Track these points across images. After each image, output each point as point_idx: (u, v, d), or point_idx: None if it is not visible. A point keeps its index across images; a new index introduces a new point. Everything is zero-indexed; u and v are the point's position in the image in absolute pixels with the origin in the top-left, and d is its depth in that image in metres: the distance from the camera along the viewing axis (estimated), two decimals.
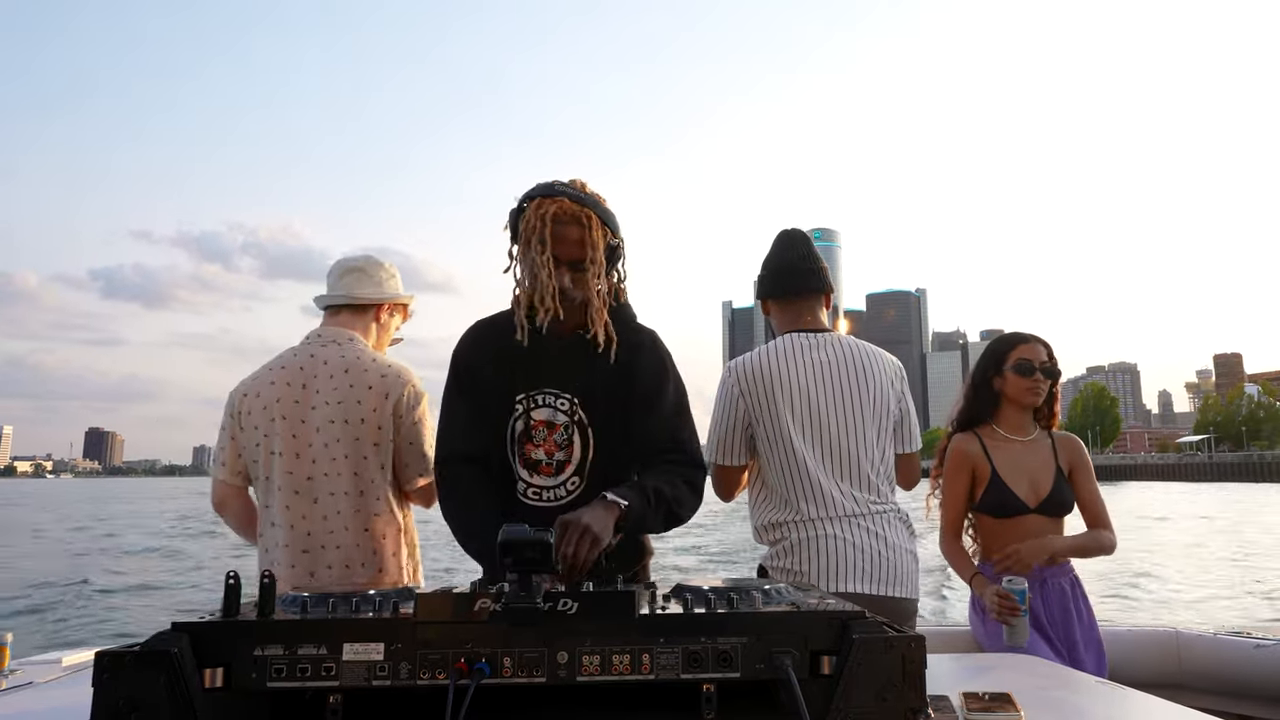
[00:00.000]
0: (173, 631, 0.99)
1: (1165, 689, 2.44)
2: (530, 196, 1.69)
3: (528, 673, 0.98)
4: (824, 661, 0.99)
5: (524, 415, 1.77)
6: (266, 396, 2.16)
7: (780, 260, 2.25)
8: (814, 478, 2.02)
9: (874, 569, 1.97)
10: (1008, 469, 2.42)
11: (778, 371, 2.09)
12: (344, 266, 2.35)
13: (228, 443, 2.20)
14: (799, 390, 2.07)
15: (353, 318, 2.30)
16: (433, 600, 1.00)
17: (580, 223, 1.66)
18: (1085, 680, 1.51)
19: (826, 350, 2.12)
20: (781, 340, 2.16)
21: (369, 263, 2.36)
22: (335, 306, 2.31)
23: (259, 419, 2.15)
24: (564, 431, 1.76)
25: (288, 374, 2.18)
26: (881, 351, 2.19)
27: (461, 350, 1.83)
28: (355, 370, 2.18)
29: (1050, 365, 2.47)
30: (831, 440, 2.05)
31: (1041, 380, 2.44)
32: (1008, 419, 2.49)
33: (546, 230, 1.64)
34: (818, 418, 2.06)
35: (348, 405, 2.15)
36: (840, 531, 1.99)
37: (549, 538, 1.04)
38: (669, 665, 0.99)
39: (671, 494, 1.62)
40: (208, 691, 0.97)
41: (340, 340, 2.24)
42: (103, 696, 0.93)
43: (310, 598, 1.07)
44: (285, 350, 2.27)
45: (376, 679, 0.98)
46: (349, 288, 2.31)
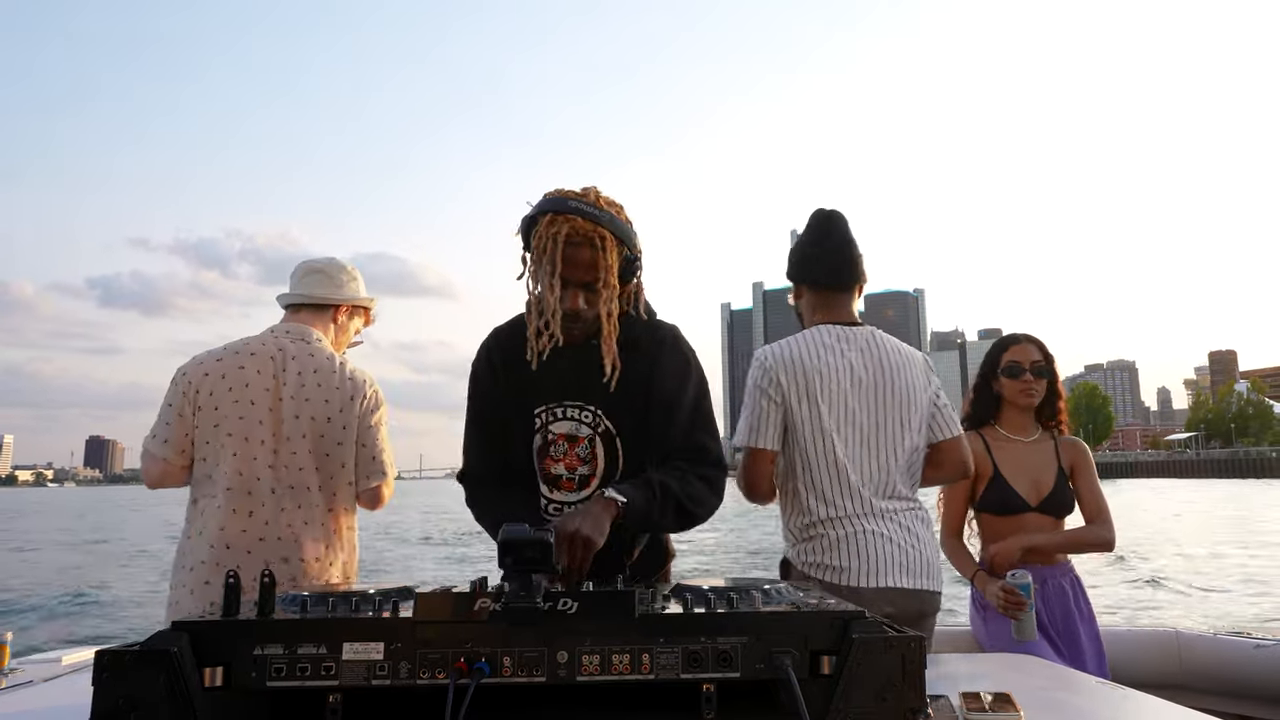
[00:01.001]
0: (172, 630, 0.99)
1: (1166, 689, 2.44)
2: (543, 210, 1.62)
3: (527, 672, 0.98)
4: (824, 661, 0.99)
5: (543, 429, 1.73)
6: (233, 380, 2.15)
7: (820, 245, 2.15)
8: (849, 474, 2.00)
9: (909, 563, 1.97)
10: (1010, 468, 2.43)
11: (815, 363, 2.03)
12: (306, 268, 2.38)
13: (174, 419, 2.16)
14: (836, 384, 2.03)
15: (312, 317, 2.33)
16: (432, 600, 1.00)
17: (593, 244, 1.58)
18: (1086, 680, 1.51)
19: (863, 346, 2.07)
20: (816, 331, 2.09)
21: (330, 265, 2.39)
22: (296, 305, 2.34)
23: (223, 402, 2.14)
24: (587, 445, 1.71)
25: (259, 361, 2.18)
26: (915, 352, 2.15)
27: (479, 364, 1.79)
28: (324, 370, 2.21)
29: (1042, 364, 2.48)
30: (865, 438, 2.02)
31: (1032, 380, 2.46)
32: (1009, 420, 2.51)
33: (558, 252, 1.57)
34: (852, 414, 2.02)
35: (315, 403, 2.17)
36: (878, 527, 1.98)
37: (549, 538, 1.04)
38: (669, 665, 0.99)
39: (682, 490, 1.57)
40: (207, 691, 0.97)
41: (307, 337, 2.26)
42: (102, 695, 0.93)
43: (310, 597, 1.07)
44: (247, 338, 2.26)
45: (376, 678, 0.98)
46: (309, 288, 2.34)
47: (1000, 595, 2.22)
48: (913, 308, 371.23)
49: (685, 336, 1.78)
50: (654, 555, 1.84)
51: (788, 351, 2.06)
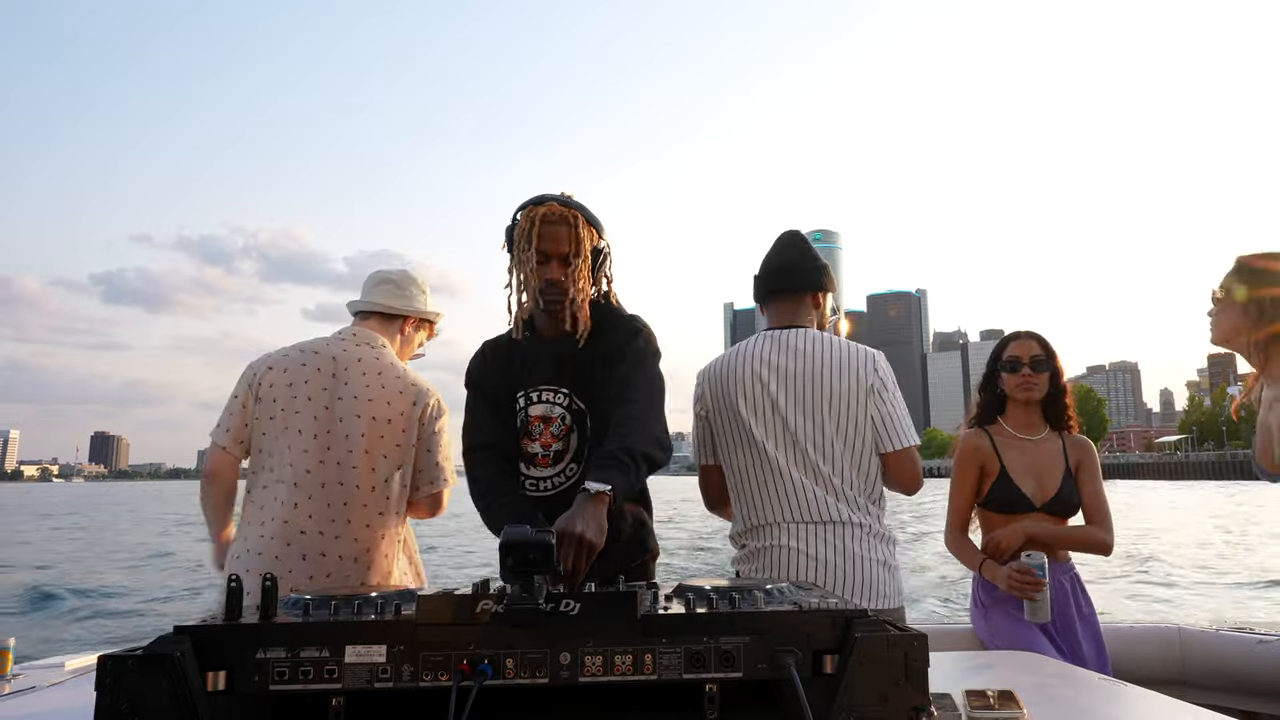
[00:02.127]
0: (175, 634, 0.99)
1: (1168, 685, 2.44)
2: (522, 207, 1.83)
3: (530, 674, 0.98)
4: (826, 660, 0.99)
5: (523, 411, 1.89)
6: (294, 375, 2.20)
7: (768, 261, 2.20)
8: (773, 486, 1.96)
9: (829, 578, 1.89)
10: (1016, 466, 2.43)
11: (739, 374, 2.03)
12: (379, 277, 2.44)
13: (238, 410, 2.21)
14: (760, 393, 2.00)
15: (380, 325, 2.38)
16: (435, 602, 1.00)
17: (567, 222, 1.79)
18: (1088, 677, 1.51)
19: (789, 344, 2.04)
20: (750, 340, 2.12)
21: (403, 277, 2.44)
22: (365, 313, 2.40)
23: (281, 394, 2.18)
24: (559, 424, 1.87)
25: (320, 360, 2.23)
26: (855, 345, 2.06)
27: (476, 362, 1.95)
28: (388, 374, 2.25)
29: (1042, 358, 2.48)
30: (795, 447, 1.96)
31: (1031, 375, 2.46)
32: (1014, 417, 2.51)
33: (534, 230, 1.78)
34: (779, 422, 1.98)
35: (377, 404, 2.20)
36: (796, 542, 1.92)
37: (550, 539, 1.04)
38: (671, 665, 0.99)
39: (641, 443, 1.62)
40: (210, 694, 0.97)
41: (373, 343, 2.31)
42: (105, 700, 0.93)
43: (312, 600, 1.07)
44: (315, 339, 2.32)
45: (379, 681, 0.98)
46: (379, 297, 2.39)
47: (1013, 577, 2.21)
48: (915, 308, 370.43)
49: (650, 330, 1.87)
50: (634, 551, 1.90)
51: (715, 367, 2.11)
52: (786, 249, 2.19)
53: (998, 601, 2.38)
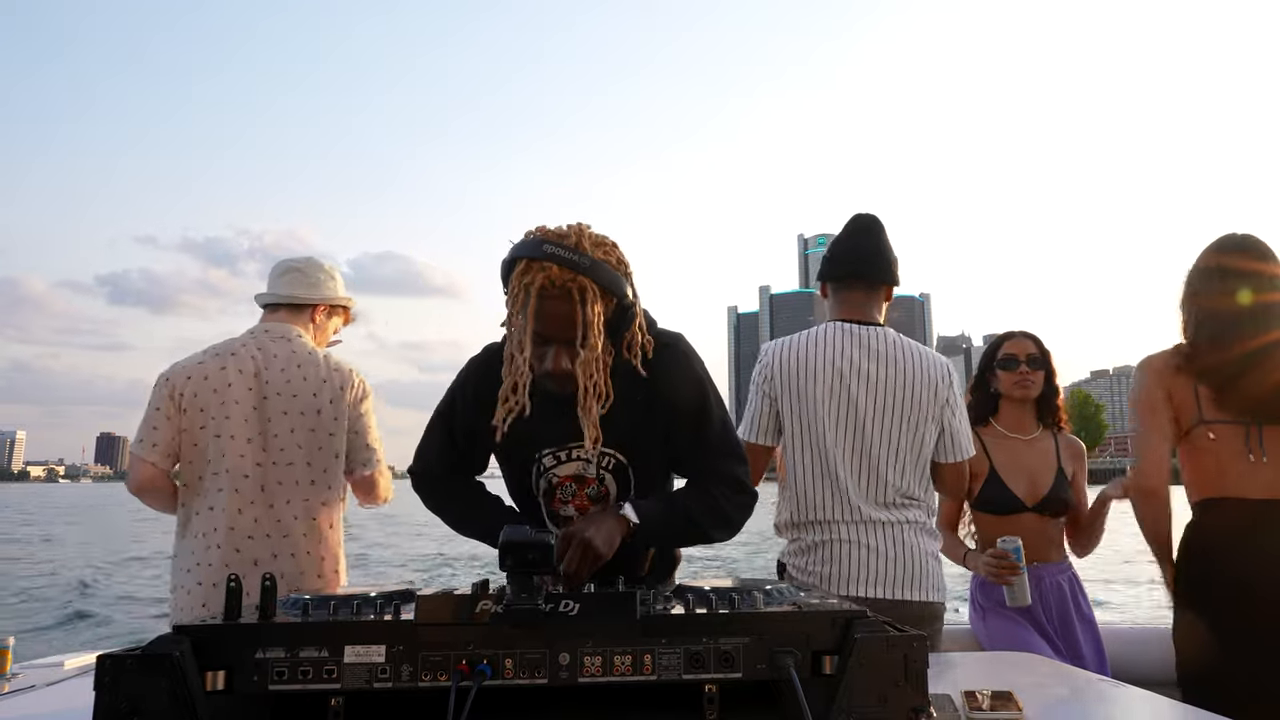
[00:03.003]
0: (174, 634, 0.99)
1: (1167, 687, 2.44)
2: (518, 254, 1.41)
3: (529, 674, 0.98)
4: (826, 661, 1.00)
5: (547, 474, 1.61)
6: (217, 381, 2.16)
7: (846, 243, 2.12)
8: (837, 478, 1.94)
9: (892, 574, 1.91)
10: (1006, 467, 2.43)
11: (813, 361, 1.98)
12: (284, 266, 2.39)
13: (162, 422, 2.16)
14: (833, 384, 1.96)
15: (290, 316, 2.34)
16: (434, 602, 1.00)
17: (570, 297, 1.37)
18: (1087, 678, 1.51)
19: (872, 346, 1.99)
20: (824, 328, 2.04)
21: (308, 264, 2.40)
22: (273, 305, 2.35)
23: (208, 402, 2.15)
24: (597, 485, 1.61)
25: (239, 361, 2.19)
26: (934, 354, 2.05)
27: (461, 388, 1.63)
28: (308, 364, 2.22)
29: (1038, 357, 2.49)
30: (861, 441, 1.95)
31: (1028, 373, 2.47)
32: (1007, 416, 2.51)
33: (530, 305, 1.37)
34: (848, 415, 1.95)
35: (303, 398, 2.19)
36: (861, 537, 1.92)
37: (550, 539, 1.04)
38: (671, 666, 0.99)
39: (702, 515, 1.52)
40: (209, 694, 0.97)
41: (288, 335, 2.27)
42: (104, 700, 0.93)
43: (311, 600, 1.07)
44: (228, 340, 2.28)
45: (378, 681, 0.98)
46: (285, 287, 2.34)
47: (990, 561, 2.21)
48: (918, 312, 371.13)
49: (690, 347, 1.62)
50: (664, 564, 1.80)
51: (787, 348, 2.03)
52: (868, 233, 2.11)
53: (995, 603, 2.39)
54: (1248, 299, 1.94)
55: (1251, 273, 1.96)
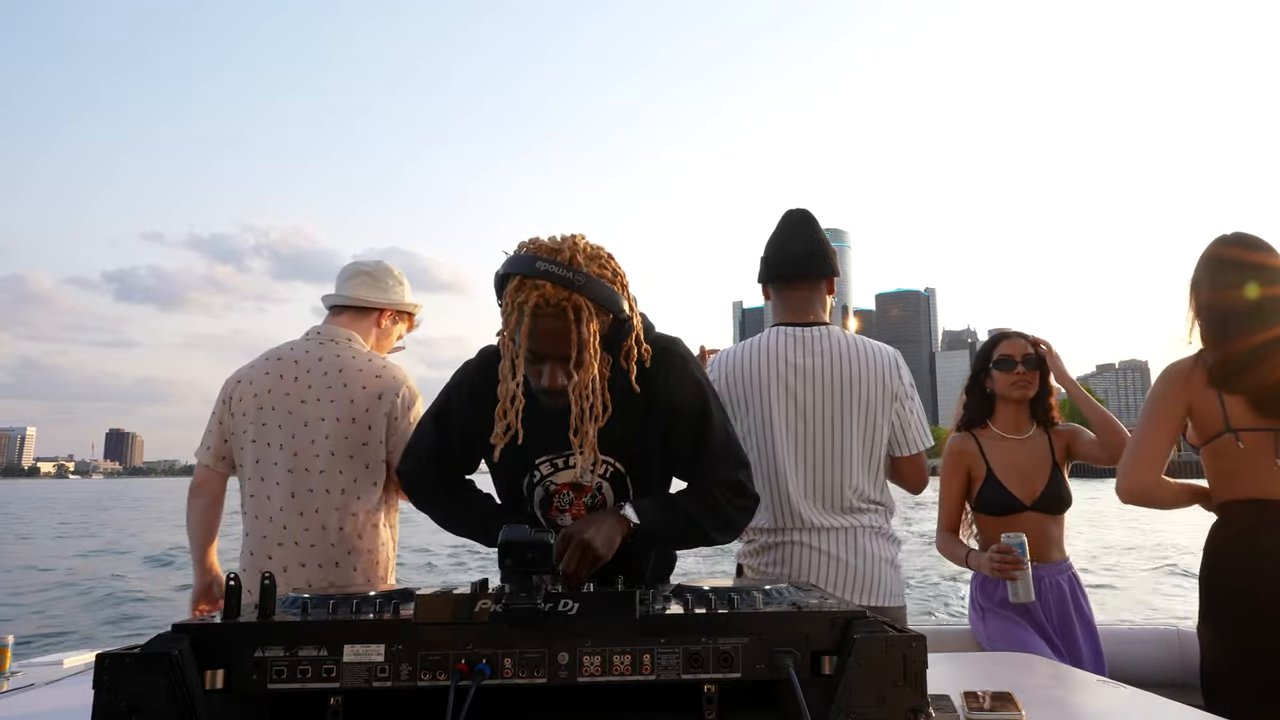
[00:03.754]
0: (173, 633, 0.99)
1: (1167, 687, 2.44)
2: (511, 269, 1.39)
3: (528, 673, 0.98)
4: (825, 661, 0.99)
5: (544, 481, 1.60)
6: (259, 385, 2.19)
7: (778, 241, 2.10)
8: (788, 485, 1.94)
9: (841, 577, 1.91)
10: (1003, 467, 2.44)
11: (755, 371, 1.98)
12: (353, 269, 2.39)
13: (215, 426, 2.23)
14: (777, 392, 1.96)
15: (354, 320, 2.33)
16: (433, 601, 1.00)
17: (565, 315, 1.36)
18: (1086, 679, 1.51)
19: (815, 348, 1.98)
20: (765, 335, 2.04)
21: (378, 268, 2.39)
22: (339, 307, 2.35)
23: (248, 407, 2.18)
24: (595, 492, 1.60)
25: (282, 365, 2.21)
26: (878, 347, 2.03)
27: (457, 390, 1.62)
28: (350, 369, 2.21)
29: (1033, 356, 2.49)
30: (811, 450, 1.94)
31: (1024, 373, 2.47)
32: (1003, 417, 2.52)
33: (525, 325, 1.36)
34: (796, 421, 1.95)
35: (340, 403, 2.17)
36: (814, 541, 1.92)
37: (549, 539, 1.04)
38: (670, 666, 0.99)
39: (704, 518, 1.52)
40: (209, 693, 0.97)
41: (338, 339, 2.27)
42: (104, 698, 0.93)
43: (310, 599, 1.07)
44: (283, 344, 2.30)
45: (377, 680, 0.98)
46: (353, 290, 2.35)
47: (994, 557, 2.20)
48: (924, 307, 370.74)
49: (688, 349, 1.62)
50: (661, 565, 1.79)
51: (732, 360, 2.04)
52: (798, 229, 2.09)
53: (995, 604, 2.39)
54: (1254, 293, 1.94)
55: (1258, 266, 1.96)
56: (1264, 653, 1.76)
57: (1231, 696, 1.75)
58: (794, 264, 2.07)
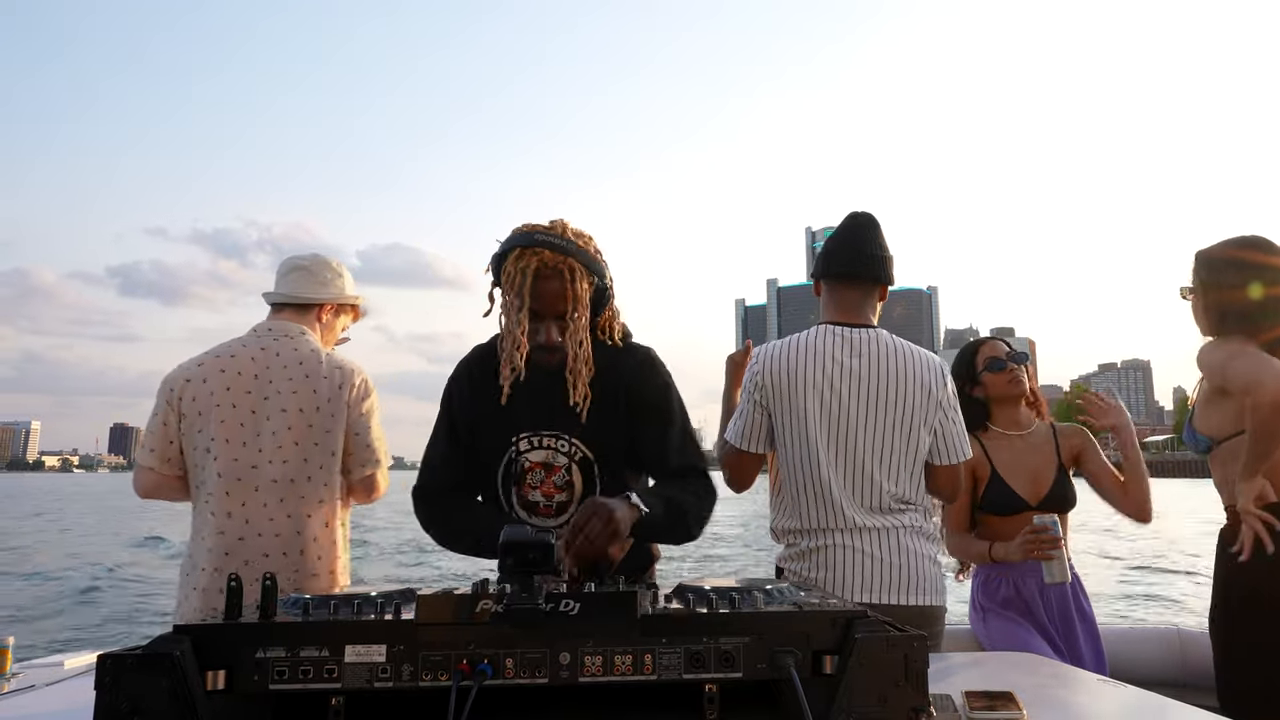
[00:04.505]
0: (175, 634, 0.99)
1: (1168, 687, 2.44)
2: (510, 245, 1.62)
3: (530, 674, 0.98)
4: (826, 661, 0.99)
5: (518, 457, 1.72)
6: (214, 384, 2.16)
7: (843, 240, 2.08)
8: (831, 485, 1.92)
9: (891, 579, 1.90)
10: (1007, 467, 2.44)
11: (804, 367, 1.96)
12: (289, 264, 2.37)
13: (159, 429, 2.17)
14: (825, 390, 1.94)
15: (296, 316, 2.32)
16: (435, 602, 1.00)
17: (561, 276, 1.59)
18: (1087, 678, 1.51)
19: (863, 350, 1.97)
20: (815, 332, 2.02)
21: (315, 262, 2.38)
22: (280, 304, 2.33)
23: (204, 406, 2.15)
24: (564, 473, 1.71)
25: (238, 364, 2.19)
26: (926, 354, 2.03)
27: (458, 380, 1.78)
28: (310, 362, 2.21)
29: (1016, 353, 2.55)
30: (854, 448, 1.93)
31: (1015, 368, 2.50)
32: (1002, 417, 2.53)
33: (526, 285, 1.58)
34: (841, 422, 1.93)
35: (302, 395, 2.17)
36: (856, 543, 1.91)
37: (551, 539, 1.04)
38: (671, 665, 0.99)
39: (691, 513, 1.60)
40: (210, 694, 0.96)
41: (291, 334, 2.26)
42: (105, 699, 0.93)
43: (312, 600, 1.07)
44: (229, 341, 2.27)
45: (379, 681, 0.98)
46: (292, 286, 2.32)
47: (1029, 538, 2.17)
48: (926, 305, 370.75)
49: (660, 358, 1.78)
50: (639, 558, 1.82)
51: (778, 354, 2.01)
52: (863, 232, 2.08)
53: (996, 605, 2.39)
54: (1260, 292, 1.96)
55: (1266, 266, 1.98)
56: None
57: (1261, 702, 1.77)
58: (852, 264, 2.06)
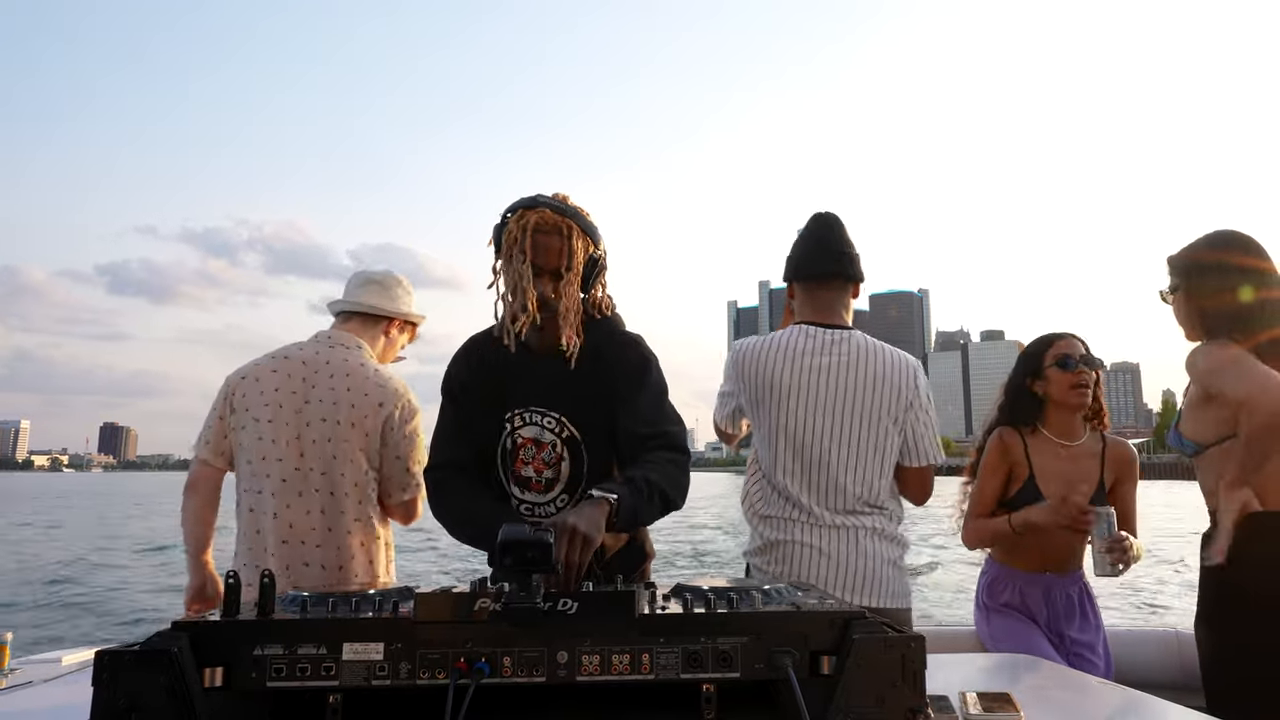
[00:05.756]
0: (173, 631, 0.99)
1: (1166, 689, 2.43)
2: (513, 209, 1.71)
3: (527, 672, 0.98)
4: (824, 661, 0.99)
5: (511, 434, 1.78)
6: (265, 384, 2.19)
7: (808, 241, 2.11)
8: (792, 484, 1.95)
9: (840, 578, 1.90)
10: (1045, 474, 2.34)
11: (776, 366, 1.98)
12: (364, 277, 2.40)
13: (215, 422, 2.23)
14: (795, 389, 1.96)
15: (362, 327, 2.35)
16: (433, 600, 1.00)
17: (560, 233, 1.68)
18: (1085, 680, 1.51)
19: (836, 350, 1.99)
20: (789, 332, 2.04)
21: (388, 277, 2.41)
22: (348, 314, 2.36)
23: (253, 404, 2.18)
24: (551, 450, 1.77)
25: (290, 365, 2.22)
26: (900, 355, 2.04)
27: (453, 367, 1.84)
28: (356, 376, 2.22)
29: (1090, 356, 2.38)
30: (817, 451, 1.95)
31: (1085, 372, 2.33)
32: (1055, 422, 2.39)
33: (527, 240, 1.65)
34: (808, 425, 1.95)
35: (342, 408, 2.18)
36: (811, 539, 1.93)
37: (549, 538, 1.04)
38: (669, 665, 0.99)
39: (662, 481, 1.60)
40: (208, 691, 0.97)
41: (347, 344, 2.28)
42: (103, 696, 0.93)
43: (310, 597, 1.07)
44: (291, 344, 2.31)
45: (376, 679, 0.98)
46: (365, 297, 2.36)
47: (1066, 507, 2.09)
48: (917, 308, 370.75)
49: (647, 343, 1.82)
50: (630, 556, 1.85)
51: (751, 351, 2.04)
52: (831, 232, 2.10)
53: (1001, 604, 2.38)
54: (1249, 295, 1.92)
55: (1251, 269, 1.95)
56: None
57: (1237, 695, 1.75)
58: (825, 265, 2.08)
